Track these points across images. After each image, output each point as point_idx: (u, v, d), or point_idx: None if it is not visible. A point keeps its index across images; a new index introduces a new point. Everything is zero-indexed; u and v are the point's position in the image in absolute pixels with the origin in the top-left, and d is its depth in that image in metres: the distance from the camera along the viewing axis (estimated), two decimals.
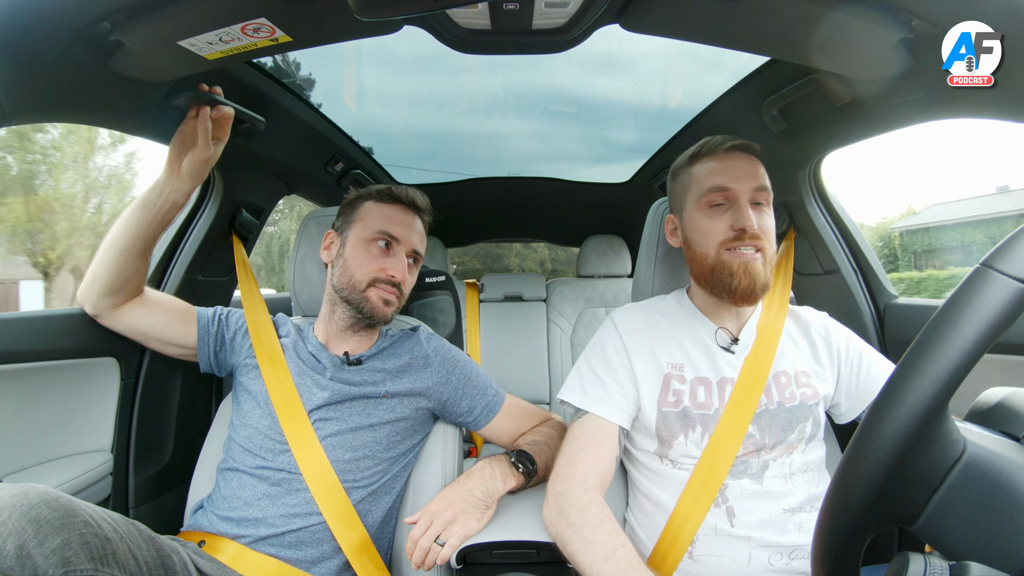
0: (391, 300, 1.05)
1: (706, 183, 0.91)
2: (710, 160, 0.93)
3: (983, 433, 0.42)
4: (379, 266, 1.04)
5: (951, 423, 0.40)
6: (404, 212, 1.09)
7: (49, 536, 0.61)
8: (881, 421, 0.40)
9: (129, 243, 0.98)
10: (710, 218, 0.90)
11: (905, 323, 1.21)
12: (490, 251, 10.38)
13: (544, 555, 0.87)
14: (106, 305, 1.03)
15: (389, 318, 1.07)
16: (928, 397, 0.38)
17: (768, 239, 0.89)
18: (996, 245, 0.39)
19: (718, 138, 0.93)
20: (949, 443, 0.40)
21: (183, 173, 1.00)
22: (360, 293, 1.03)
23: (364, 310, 1.04)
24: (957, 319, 0.38)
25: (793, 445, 0.87)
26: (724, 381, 0.90)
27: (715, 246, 0.89)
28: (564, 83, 1.98)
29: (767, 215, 0.91)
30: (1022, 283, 0.37)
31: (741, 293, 0.87)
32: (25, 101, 0.79)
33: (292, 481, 0.93)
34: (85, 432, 1.14)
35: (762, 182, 0.90)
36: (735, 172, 0.89)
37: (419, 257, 1.11)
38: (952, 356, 0.37)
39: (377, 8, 0.73)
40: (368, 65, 1.80)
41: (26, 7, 0.70)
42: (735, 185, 0.89)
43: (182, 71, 0.93)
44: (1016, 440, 0.43)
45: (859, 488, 0.40)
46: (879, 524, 0.41)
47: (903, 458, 0.39)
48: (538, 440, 1.04)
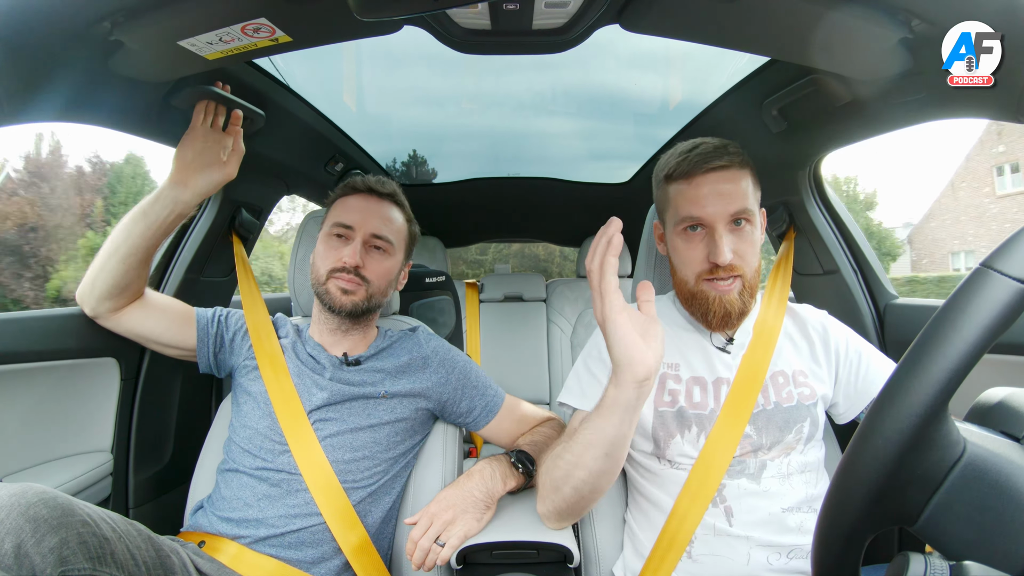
0: (349, 288, 1.02)
1: (680, 211, 0.89)
2: (684, 183, 0.89)
3: (983, 433, 0.42)
4: (336, 256, 1.04)
5: (951, 424, 0.40)
6: (362, 199, 1.08)
7: (47, 535, 0.61)
8: (881, 422, 0.40)
9: (131, 251, 0.98)
10: (687, 244, 0.89)
11: (905, 323, 1.21)
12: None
13: (544, 555, 0.87)
14: (105, 308, 1.02)
15: (354, 308, 1.03)
16: (928, 398, 0.38)
17: (747, 259, 0.88)
18: (997, 246, 0.39)
19: (693, 153, 0.89)
20: (949, 444, 0.40)
21: (195, 190, 1.00)
22: (322, 286, 1.04)
23: (326, 302, 1.04)
24: (957, 320, 0.38)
25: (791, 446, 0.87)
26: (720, 381, 0.90)
27: (693, 276, 0.89)
28: (564, 83, 1.97)
29: (747, 234, 0.88)
30: (1021, 283, 0.37)
31: (716, 323, 0.89)
32: (25, 101, 0.79)
33: (292, 482, 0.93)
34: (85, 432, 1.14)
35: (740, 205, 0.86)
36: (709, 199, 0.86)
37: (383, 241, 1.06)
38: (952, 357, 0.37)
39: (377, 8, 0.73)
40: (368, 64, 1.80)
41: (26, 7, 0.70)
42: (710, 213, 0.86)
43: (182, 71, 0.93)
44: (1016, 440, 0.43)
45: (859, 489, 0.40)
46: (879, 525, 0.41)
47: (903, 459, 0.39)
48: (538, 440, 1.04)
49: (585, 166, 2.40)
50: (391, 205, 1.10)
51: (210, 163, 1.02)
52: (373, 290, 1.05)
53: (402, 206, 1.13)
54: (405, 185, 1.40)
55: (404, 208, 1.13)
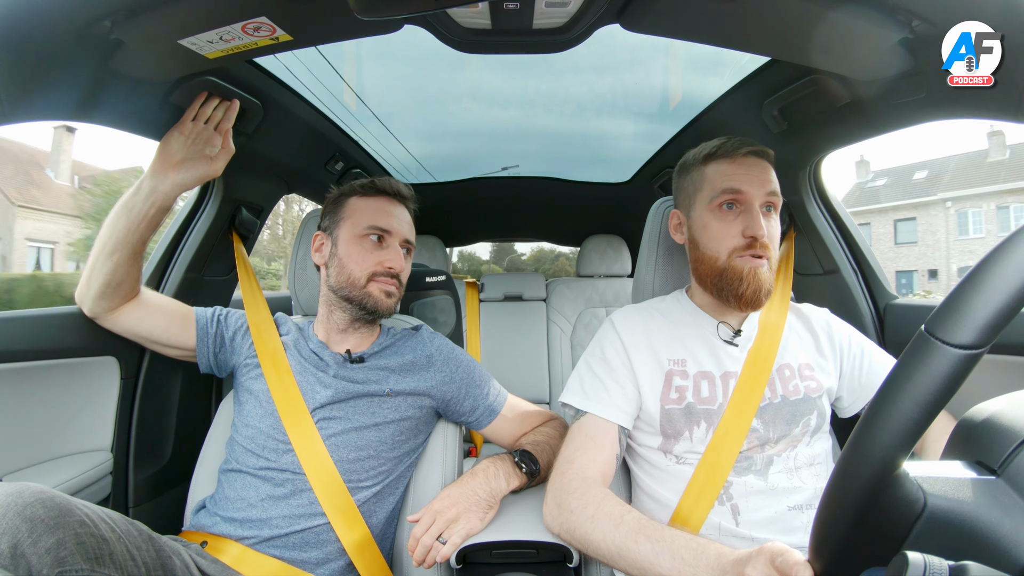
0: (392, 292, 1.05)
1: (719, 184, 0.90)
2: (725, 162, 0.92)
3: (948, 479, 0.42)
4: (376, 260, 1.04)
5: (907, 484, 0.41)
6: (391, 203, 1.09)
7: (43, 536, 0.61)
8: (838, 491, 0.42)
9: (116, 247, 0.97)
10: (721, 221, 0.90)
11: (905, 323, 1.21)
12: None
13: (544, 555, 0.87)
14: (102, 308, 1.02)
15: (393, 310, 1.07)
16: (876, 470, 0.39)
17: (774, 246, 0.90)
18: (936, 307, 0.39)
19: (735, 140, 0.93)
20: (908, 503, 0.40)
21: (175, 181, 0.98)
22: (361, 290, 1.03)
23: (367, 306, 1.03)
24: (896, 394, 0.39)
25: (797, 439, 0.87)
26: (728, 375, 0.90)
27: (726, 251, 0.89)
28: (564, 82, 1.97)
29: (775, 221, 0.92)
30: (957, 349, 0.37)
31: (747, 298, 0.88)
32: (25, 101, 0.79)
33: (296, 481, 0.93)
34: (85, 431, 1.14)
35: (774, 187, 0.91)
36: (750, 176, 0.89)
37: (411, 246, 1.11)
38: (893, 432, 0.38)
39: (378, 7, 0.73)
40: (369, 62, 1.80)
41: (26, 7, 0.70)
42: (750, 189, 0.88)
43: (182, 70, 0.93)
44: (992, 472, 0.42)
45: (832, 543, 0.44)
46: (858, 570, 0.43)
47: (864, 521, 0.41)
48: (540, 440, 1.04)
49: (585, 166, 2.39)
50: (408, 209, 1.13)
51: (194, 157, 1.00)
52: (402, 291, 1.09)
53: (412, 210, 1.15)
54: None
55: (413, 211, 1.16)
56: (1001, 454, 0.42)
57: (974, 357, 0.37)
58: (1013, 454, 0.41)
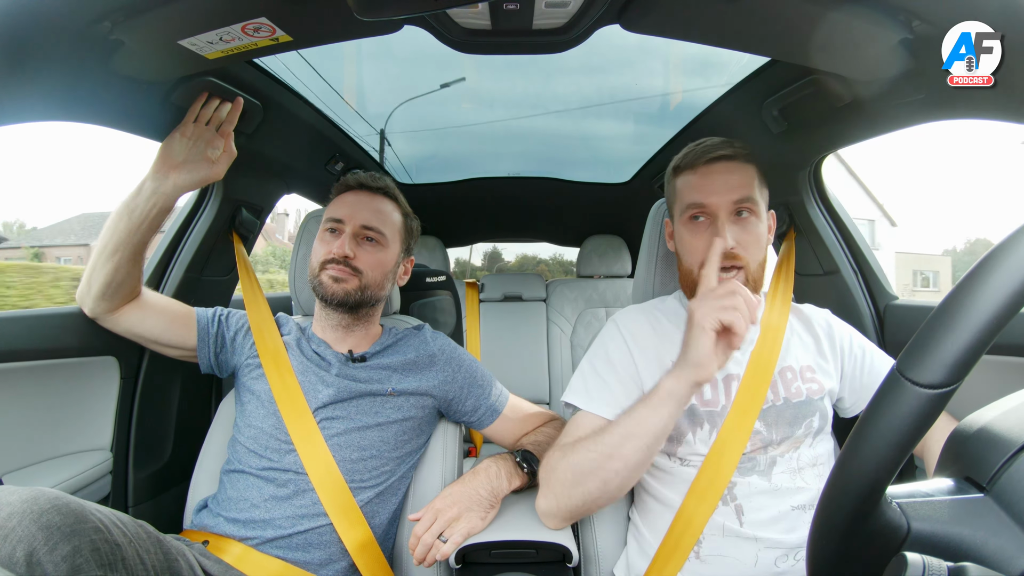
0: (339, 276, 1.03)
1: (686, 198, 0.92)
2: (689, 174, 0.92)
3: (931, 502, 0.42)
4: (326, 249, 1.05)
5: (889, 512, 0.41)
6: (354, 195, 1.09)
7: (60, 543, 0.60)
8: (823, 528, 0.43)
9: (117, 248, 0.97)
10: (692, 234, 0.91)
11: (905, 324, 1.21)
12: None
13: (544, 555, 0.87)
14: (102, 309, 1.02)
15: (346, 297, 1.03)
16: (855, 507, 0.40)
17: (750, 251, 0.88)
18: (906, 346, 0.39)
19: (700, 147, 0.92)
20: (890, 531, 0.41)
21: (176, 182, 0.98)
22: (316, 279, 1.05)
23: (319, 293, 1.05)
24: (869, 433, 0.39)
25: (800, 440, 0.87)
26: (730, 378, 0.90)
27: (696, 265, 0.90)
28: (564, 82, 1.97)
29: (751, 225, 0.89)
30: (925, 389, 0.36)
31: None
32: (25, 101, 0.79)
33: (298, 482, 0.93)
34: (84, 430, 1.14)
35: (744, 193, 0.88)
36: (713, 186, 0.89)
37: (375, 232, 1.07)
38: (869, 471, 0.39)
39: (377, 8, 0.73)
40: (369, 62, 1.80)
41: (26, 7, 0.70)
42: (713, 200, 0.88)
43: (182, 71, 0.93)
44: (980, 489, 0.42)
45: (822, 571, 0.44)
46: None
47: (848, 552, 0.42)
48: (541, 441, 1.04)
49: (585, 166, 2.39)
50: (383, 199, 1.11)
51: (195, 159, 1.00)
52: (367, 281, 1.05)
53: (395, 200, 1.13)
54: (406, 185, 1.40)
55: (398, 202, 1.14)
56: (990, 470, 0.42)
57: (944, 396, 0.36)
58: (1002, 469, 0.41)
